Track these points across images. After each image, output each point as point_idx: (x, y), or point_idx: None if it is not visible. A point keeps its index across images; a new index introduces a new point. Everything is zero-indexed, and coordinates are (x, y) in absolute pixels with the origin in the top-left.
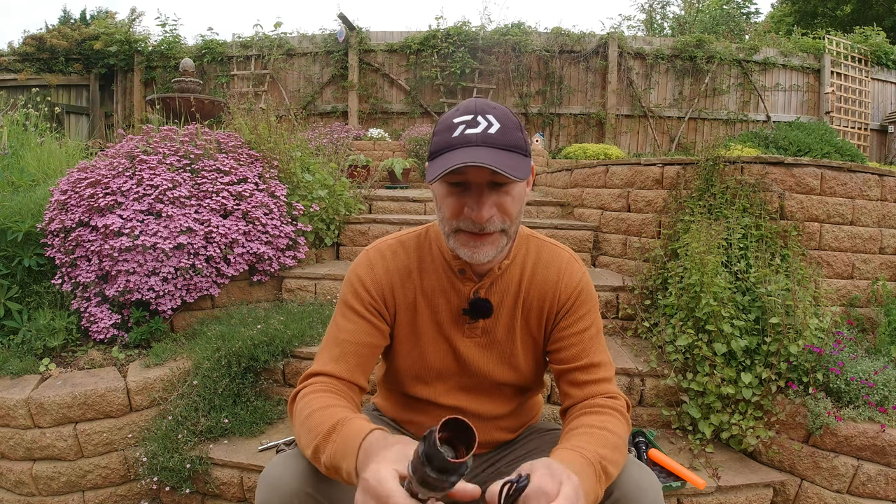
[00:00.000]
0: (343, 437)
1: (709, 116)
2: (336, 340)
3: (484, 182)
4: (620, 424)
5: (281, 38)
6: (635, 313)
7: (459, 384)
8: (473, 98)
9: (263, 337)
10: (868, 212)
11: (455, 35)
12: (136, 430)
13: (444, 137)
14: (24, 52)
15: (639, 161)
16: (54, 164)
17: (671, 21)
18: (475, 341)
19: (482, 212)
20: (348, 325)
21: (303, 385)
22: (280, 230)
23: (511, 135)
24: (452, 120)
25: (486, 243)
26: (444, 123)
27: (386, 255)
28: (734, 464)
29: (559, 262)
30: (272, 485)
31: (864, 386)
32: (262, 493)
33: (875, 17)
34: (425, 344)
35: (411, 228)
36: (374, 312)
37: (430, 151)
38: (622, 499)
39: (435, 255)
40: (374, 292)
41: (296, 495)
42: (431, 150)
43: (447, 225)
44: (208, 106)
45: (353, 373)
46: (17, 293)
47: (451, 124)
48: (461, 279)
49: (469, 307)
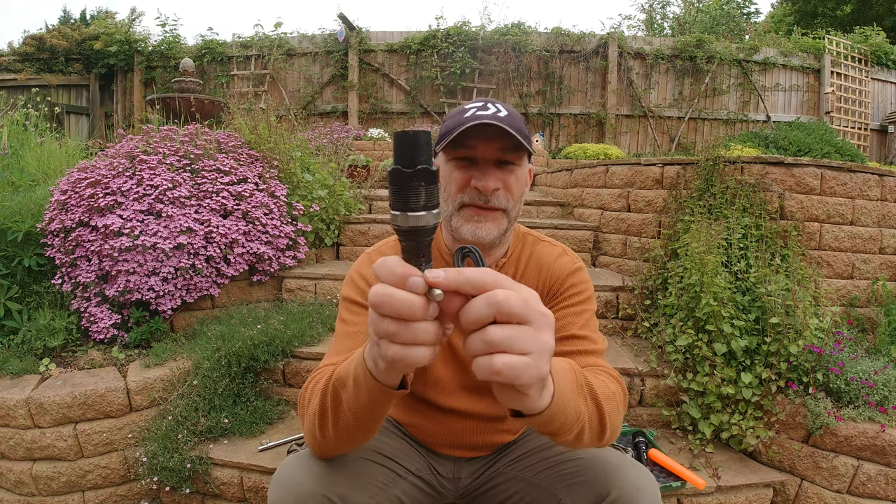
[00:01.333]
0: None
1: (709, 116)
2: (345, 334)
3: (492, 159)
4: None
5: (281, 38)
6: (635, 313)
7: (461, 383)
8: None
9: (263, 337)
10: (868, 212)
11: (455, 35)
12: (136, 430)
13: (455, 119)
14: (24, 52)
15: (639, 161)
16: (54, 164)
17: (671, 21)
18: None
19: (488, 181)
20: (355, 318)
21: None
22: (280, 230)
23: (519, 121)
24: (464, 106)
25: (489, 219)
26: (455, 110)
27: (387, 254)
28: (734, 464)
29: (552, 255)
30: (286, 485)
31: (864, 386)
32: (275, 492)
33: (875, 17)
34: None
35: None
36: None
37: (440, 134)
38: (620, 498)
39: (436, 254)
40: None
41: (311, 496)
42: (441, 132)
43: (452, 202)
44: (208, 106)
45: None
46: (17, 293)
47: (463, 109)
48: None
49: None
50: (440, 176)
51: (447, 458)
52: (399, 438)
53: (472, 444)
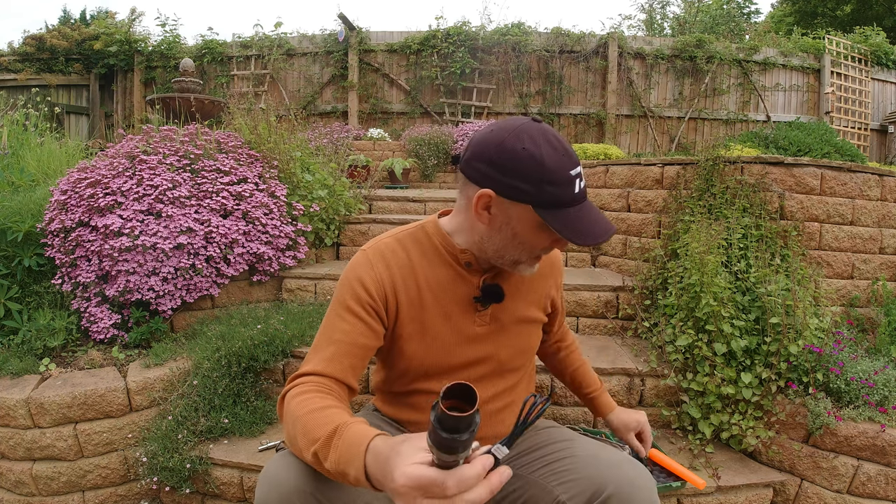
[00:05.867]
0: (346, 442)
1: (709, 116)
2: (329, 340)
3: None
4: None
5: (281, 38)
6: (635, 313)
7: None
8: (549, 129)
9: (263, 337)
10: (868, 212)
11: (455, 35)
12: (136, 430)
13: (565, 192)
14: (24, 52)
15: (639, 161)
16: (54, 164)
17: (671, 21)
18: (485, 328)
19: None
20: (343, 326)
21: (293, 384)
22: (280, 230)
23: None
24: (569, 172)
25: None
26: (559, 173)
27: (385, 253)
28: (734, 464)
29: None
30: (272, 483)
31: (864, 386)
32: (261, 490)
33: (875, 17)
34: (435, 336)
35: (403, 227)
36: (371, 313)
37: (549, 202)
38: (616, 496)
39: (439, 251)
40: (374, 292)
41: (295, 493)
42: (550, 200)
43: (529, 252)
44: (208, 106)
45: (346, 373)
46: (17, 293)
47: (569, 177)
48: (469, 271)
49: (482, 293)
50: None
51: None
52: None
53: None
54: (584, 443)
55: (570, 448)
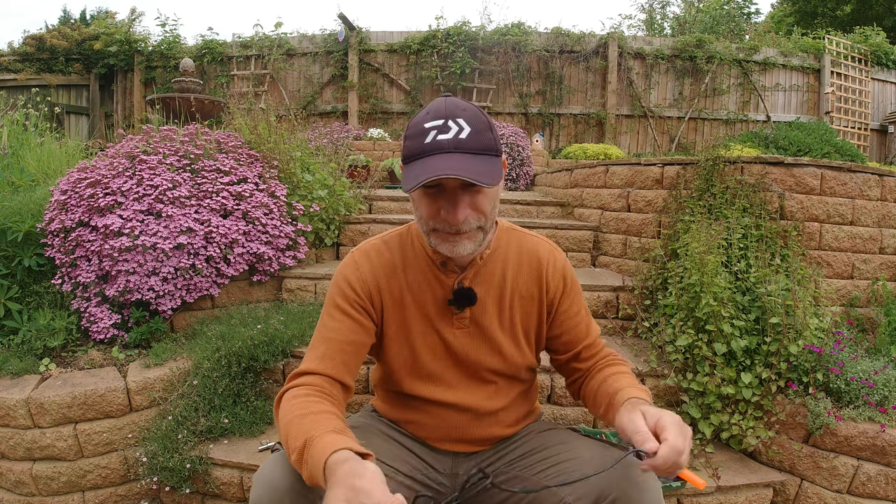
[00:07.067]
0: (313, 457)
1: (709, 116)
2: (322, 339)
3: (457, 185)
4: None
5: (281, 38)
6: (635, 313)
7: (454, 377)
8: (443, 98)
9: (263, 337)
10: (868, 212)
11: (455, 35)
12: (136, 430)
13: (416, 143)
14: (24, 52)
15: (639, 161)
16: (54, 164)
17: (671, 21)
18: (464, 331)
19: (457, 215)
20: (334, 324)
21: (288, 386)
22: (280, 230)
23: (482, 137)
24: (424, 125)
25: (464, 238)
26: (415, 128)
27: (370, 254)
28: (734, 464)
29: (540, 252)
30: (265, 483)
31: (864, 386)
32: (255, 491)
33: (875, 17)
34: (416, 338)
35: (395, 228)
36: (360, 310)
37: (404, 156)
38: (622, 498)
39: (418, 251)
40: (360, 291)
41: (287, 493)
42: (404, 154)
43: (424, 225)
44: (208, 106)
45: (339, 370)
46: (17, 293)
47: (423, 129)
48: (444, 272)
49: (453, 297)
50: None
51: (446, 454)
52: (390, 440)
53: (470, 437)
54: (587, 444)
55: (574, 449)
